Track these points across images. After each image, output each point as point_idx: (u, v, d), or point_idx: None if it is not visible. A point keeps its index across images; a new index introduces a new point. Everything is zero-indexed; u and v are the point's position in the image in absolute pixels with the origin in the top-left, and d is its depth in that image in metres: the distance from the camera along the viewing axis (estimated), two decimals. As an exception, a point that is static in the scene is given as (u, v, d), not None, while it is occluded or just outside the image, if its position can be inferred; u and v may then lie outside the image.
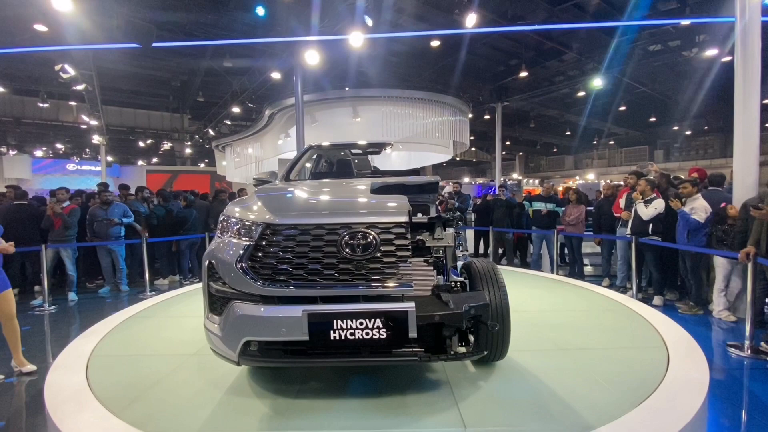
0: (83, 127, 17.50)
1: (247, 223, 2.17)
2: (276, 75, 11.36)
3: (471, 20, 8.52)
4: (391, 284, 2.00)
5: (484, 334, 2.37)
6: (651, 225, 5.29)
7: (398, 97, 11.82)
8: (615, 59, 12.33)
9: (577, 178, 28.86)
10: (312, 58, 8.58)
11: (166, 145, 22.09)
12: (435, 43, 11.24)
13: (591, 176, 28.23)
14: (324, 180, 3.58)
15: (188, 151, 23.39)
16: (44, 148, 23.08)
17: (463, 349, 2.32)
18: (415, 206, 2.69)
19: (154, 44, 7.38)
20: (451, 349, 2.15)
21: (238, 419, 2.13)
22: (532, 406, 2.22)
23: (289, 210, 2.22)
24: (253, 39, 9.68)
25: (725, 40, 10.32)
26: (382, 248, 2.03)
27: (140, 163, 26.11)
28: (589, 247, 7.29)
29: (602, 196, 6.77)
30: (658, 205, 5.23)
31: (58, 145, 22.39)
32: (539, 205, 7.34)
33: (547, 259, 7.40)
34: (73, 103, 18.08)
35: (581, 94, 16.71)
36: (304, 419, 2.12)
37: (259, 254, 2.07)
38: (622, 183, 6.74)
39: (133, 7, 8.28)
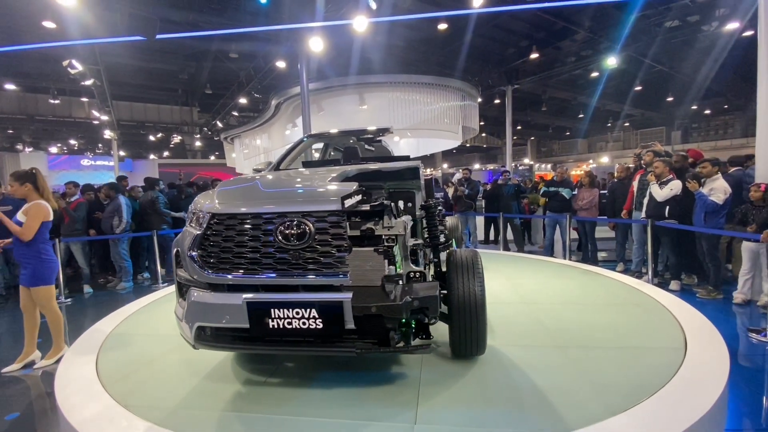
0: (95, 122, 17.76)
1: (200, 213, 2.21)
2: (281, 64, 11.25)
3: (478, 0, 8.27)
4: (326, 274, 1.97)
5: (457, 328, 2.39)
6: (667, 207, 5.11)
7: (405, 82, 11.61)
8: (630, 37, 11.86)
9: (591, 161, 28.25)
10: (316, 45, 8.45)
11: (176, 139, 22.27)
12: (442, 26, 10.95)
13: (605, 159, 27.61)
14: (297, 169, 3.49)
15: (198, 144, 23.56)
16: (59, 145, 23.53)
17: (418, 342, 2.22)
18: (397, 193, 2.63)
19: (159, 36, 7.34)
20: (406, 341, 2.04)
21: (206, 399, 2.28)
22: (499, 407, 2.10)
23: (234, 200, 2.21)
24: (256, 27, 9.56)
25: (747, 13, 9.82)
26: (317, 237, 1.99)
27: (152, 157, 26.43)
28: (603, 232, 7.12)
29: (615, 178, 6.57)
30: (675, 186, 5.04)
31: (72, 141, 22.81)
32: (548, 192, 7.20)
33: (560, 244, 7.26)
34: (84, 99, 18.31)
35: (595, 75, 16.18)
36: (265, 404, 2.20)
37: (206, 243, 2.10)
38: (632, 165, 6.52)
39: (136, 0, 8.24)
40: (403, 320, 2.02)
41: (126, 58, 13.75)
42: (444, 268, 2.57)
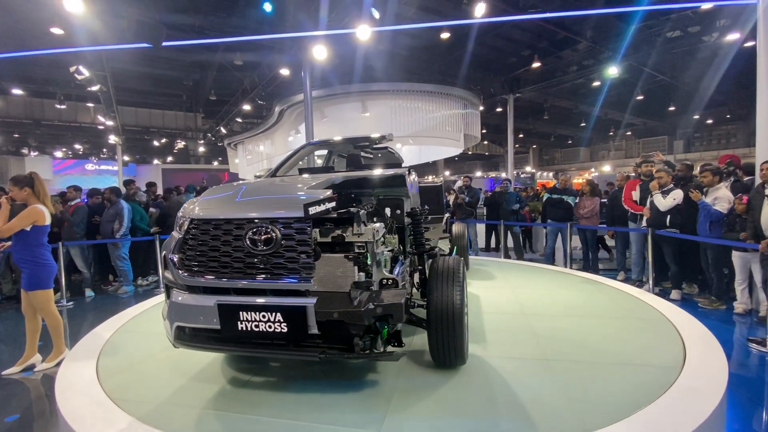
0: (100, 127, 17.91)
1: (182, 218, 2.29)
2: (285, 71, 11.37)
3: (480, 10, 8.36)
4: (291, 279, 2.01)
5: (435, 336, 2.38)
6: (669, 216, 5.11)
7: (407, 90, 11.71)
8: (631, 47, 11.95)
9: (593, 170, 28.25)
10: (320, 53, 8.54)
11: (180, 144, 22.43)
12: (444, 35, 11.06)
13: (607, 168, 27.60)
14: (286, 177, 3.58)
15: (202, 149, 23.70)
16: (64, 149, 23.71)
17: (391, 349, 2.23)
18: (385, 201, 2.66)
19: (165, 43, 7.43)
20: (372, 348, 2.04)
21: (201, 400, 2.35)
22: (469, 418, 2.08)
23: (211, 206, 2.28)
24: (261, 36, 9.69)
25: (747, 24, 9.89)
26: (283, 243, 2.03)
27: (156, 162, 26.59)
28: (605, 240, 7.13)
29: (616, 187, 6.58)
30: (677, 196, 5.05)
31: (77, 146, 22.97)
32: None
33: (561, 253, 7.25)
34: (90, 105, 18.51)
35: (596, 84, 16.27)
36: (243, 404, 2.29)
37: (185, 247, 2.19)
38: (632, 174, 6.54)
39: (143, 8, 8.38)
40: (369, 326, 2.03)
41: (132, 65, 13.93)
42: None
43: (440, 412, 2.16)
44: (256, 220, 2.07)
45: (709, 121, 24.43)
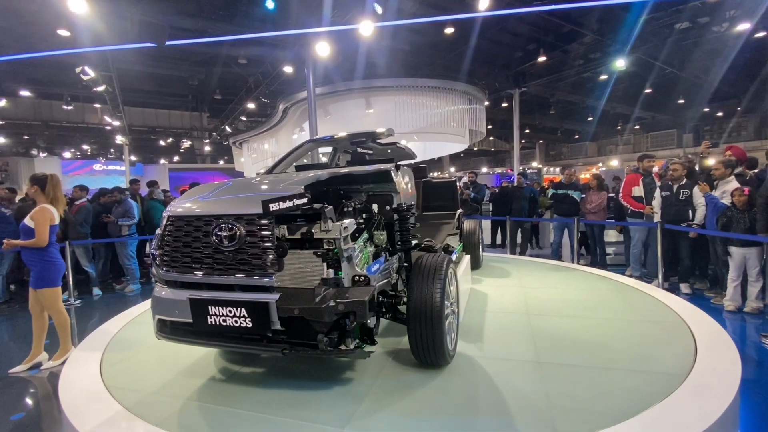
0: (107, 128, 18.08)
1: (164, 216, 2.37)
2: (288, 69, 11.36)
3: (484, 3, 8.26)
4: (254, 275, 2.05)
5: (413, 334, 2.38)
6: (690, 210, 5.01)
7: (411, 86, 11.62)
8: (639, 39, 11.73)
9: (600, 165, 27.94)
10: (323, 49, 8.51)
11: (186, 144, 22.58)
12: (449, 30, 10.95)
13: (615, 163, 27.28)
14: (276, 174, 3.59)
15: (207, 148, 23.83)
16: (72, 150, 23.97)
17: (370, 349, 2.23)
18: (374, 197, 2.65)
19: (168, 42, 7.46)
20: (338, 344, 2.05)
21: (209, 397, 2.40)
22: (441, 418, 2.05)
23: (186, 203, 2.34)
24: (264, 33, 9.68)
25: (758, 14, 9.66)
26: (248, 239, 2.07)
27: (162, 161, 26.79)
28: (612, 236, 7.02)
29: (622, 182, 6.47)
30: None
31: (85, 147, 23.21)
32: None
33: (568, 248, 7.16)
34: (97, 105, 18.66)
35: (603, 77, 16.04)
36: (225, 396, 2.38)
37: (162, 243, 2.29)
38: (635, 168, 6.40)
39: (146, 8, 8.40)
40: (337, 323, 2.03)
41: (137, 65, 14.01)
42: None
43: (413, 411, 2.14)
44: (222, 217, 2.12)
45: (719, 114, 23.99)
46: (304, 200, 2.19)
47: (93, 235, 6.39)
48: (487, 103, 14.62)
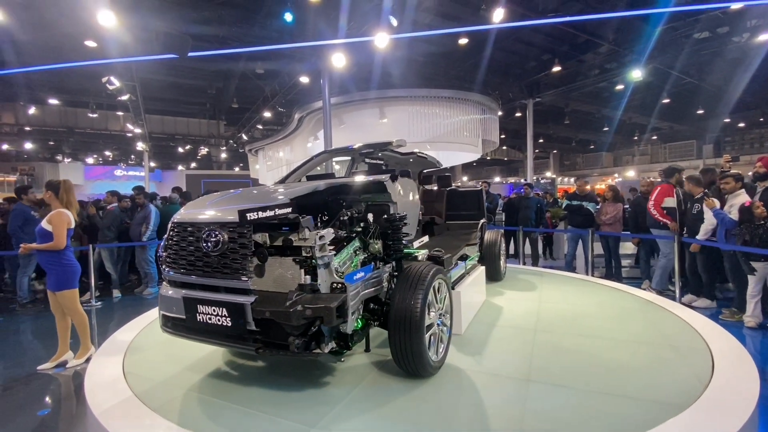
0: (129, 135, 18.66)
1: (171, 221, 2.60)
2: (304, 79, 11.59)
3: (499, 15, 8.33)
4: (233, 278, 2.25)
5: (393, 341, 2.45)
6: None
7: (425, 96, 11.72)
8: (656, 49, 11.63)
9: (616, 175, 27.53)
10: (339, 61, 8.68)
11: (204, 151, 23.11)
12: (462, 41, 11.06)
13: (631, 173, 26.85)
14: (284, 182, 3.88)
15: (224, 155, 24.33)
16: (95, 156, 24.77)
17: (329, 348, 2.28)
18: (372, 206, 2.76)
19: (190, 54, 7.73)
20: (307, 347, 2.14)
21: (220, 395, 2.53)
22: (408, 427, 2.08)
23: (187, 211, 2.59)
24: (282, 45, 9.92)
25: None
26: (229, 245, 2.26)
27: (180, 168, 27.44)
28: (629, 249, 6.92)
29: (639, 193, 6.39)
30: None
31: (107, 153, 23.98)
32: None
33: (582, 260, 7.08)
34: (119, 113, 19.30)
35: (619, 87, 15.89)
36: (218, 389, 2.58)
37: (167, 246, 2.54)
38: (657, 180, 6.29)
39: (170, 21, 8.73)
40: (310, 326, 2.12)
41: (159, 75, 14.50)
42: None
43: (381, 417, 2.19)
44: (210, 224, 2.34)
45: (741, 125, 23.49)
46: (288, 210, 2.36)
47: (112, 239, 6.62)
48: (500, 113, 14.63)
